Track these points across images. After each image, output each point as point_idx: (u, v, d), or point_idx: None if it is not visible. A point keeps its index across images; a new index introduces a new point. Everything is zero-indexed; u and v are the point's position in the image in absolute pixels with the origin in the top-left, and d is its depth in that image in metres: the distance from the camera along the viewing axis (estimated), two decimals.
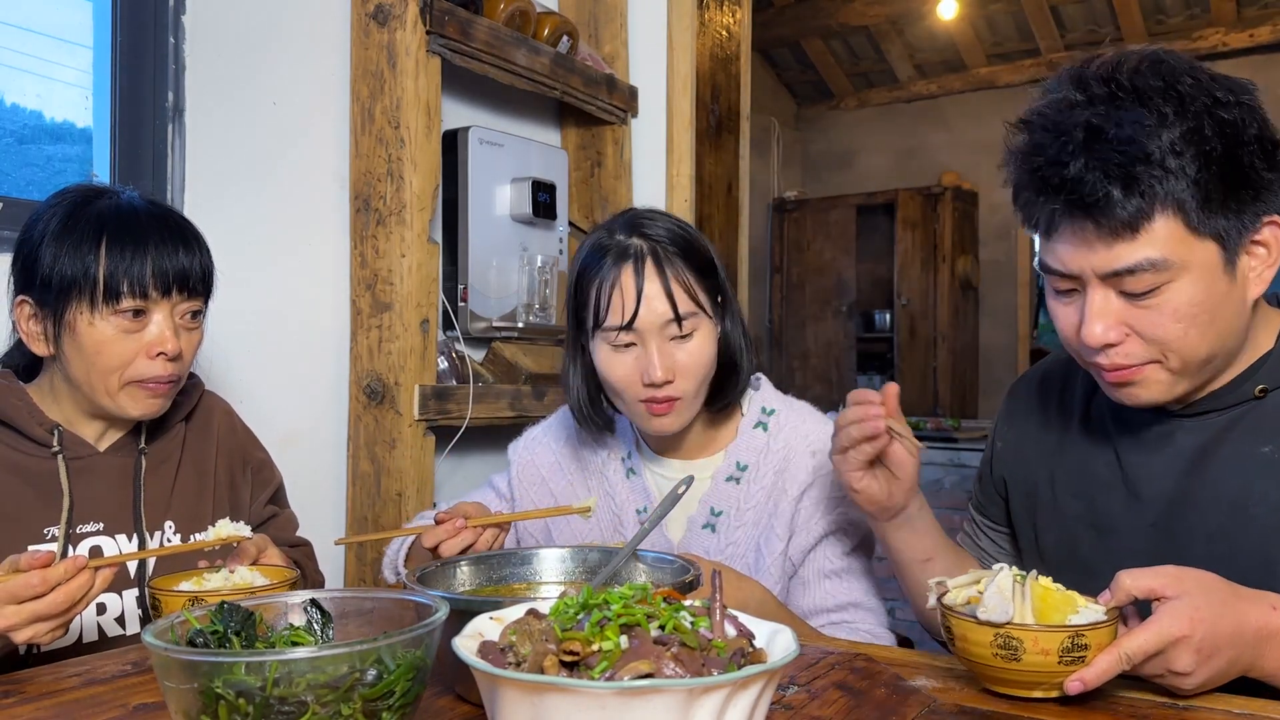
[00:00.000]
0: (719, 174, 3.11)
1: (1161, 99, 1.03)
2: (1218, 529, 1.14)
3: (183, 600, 1.13)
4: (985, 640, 0.97)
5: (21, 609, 1.06)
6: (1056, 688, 0.97)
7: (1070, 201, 1.04)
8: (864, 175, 7.33)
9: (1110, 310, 1.08)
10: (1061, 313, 1.15)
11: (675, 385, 1.42)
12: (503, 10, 2.42)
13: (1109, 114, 1.04)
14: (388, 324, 2.18)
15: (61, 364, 1.36)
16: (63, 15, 1.97)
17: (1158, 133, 1.02)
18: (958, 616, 1.00)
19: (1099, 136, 1.03)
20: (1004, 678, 0.99)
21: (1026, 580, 0.99)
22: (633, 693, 0.65)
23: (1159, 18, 6.15)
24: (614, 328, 1.41)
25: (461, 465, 2.48)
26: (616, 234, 1.45)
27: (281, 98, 2.14)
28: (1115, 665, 0.94)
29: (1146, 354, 1.09)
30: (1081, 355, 1.15)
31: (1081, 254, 1.07)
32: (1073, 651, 0.95)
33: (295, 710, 0.75)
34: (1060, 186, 1.04)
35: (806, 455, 1.50)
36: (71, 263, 1.32)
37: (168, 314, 1.36)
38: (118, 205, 1.37)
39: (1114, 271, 1.05)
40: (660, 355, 1.40)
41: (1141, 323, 1.07)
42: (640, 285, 1.40)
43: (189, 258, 1.38)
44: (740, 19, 3.20)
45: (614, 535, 1.58)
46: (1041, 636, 0.95)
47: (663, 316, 1.40)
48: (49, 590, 1.07)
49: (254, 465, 1.60)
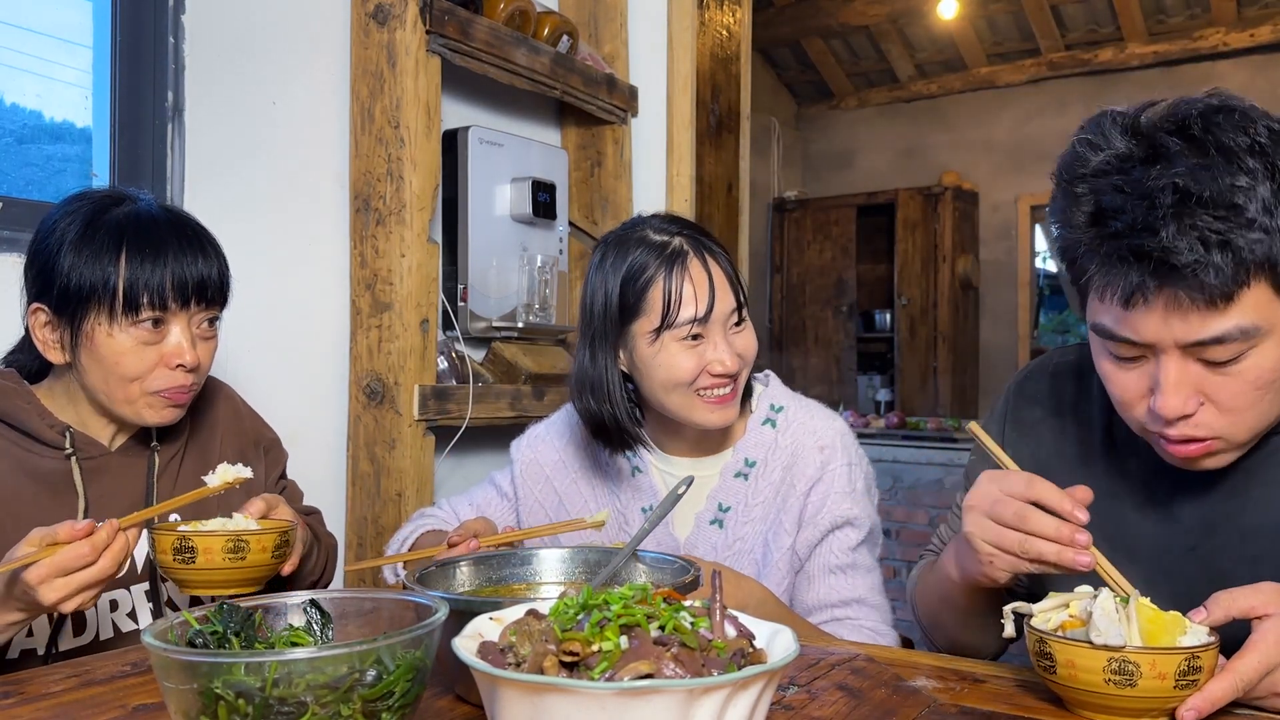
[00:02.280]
0: (719, 174, 3.11)
1: (1249, 154, 0.96)
2: (1262, 553, 1.10)
3: (172, 538, 1.17)
4: (1098, 666, 0.91)
5: (70, 580, 1.09)
6: (1166, 715, 0.93)
7: (1159, 271, 0.95)
8: (864, 175, 7.33)
9: (1188, 380, 1.00)
10: (1120, 379, 1.06)
11: (737, 374, 1.46)
12: (503, 10, 2.42)
13: (1194, 174, 0.95)
14: (387, 324, 2.18)
15: (77, 372, 1.35)
16: (63, 15, 1.97)
17: (1252, 193, 0.94)
18: (1065, 642, 0.93)
19: (1190, 199, 0.94)
20: (1113, 705, 0.92)
21: (1131, 601, 0.94)
22: (633, 693, 0.65)
23: (1159, 18, 6.15)
24: (688, 321, 1.43)
25: (461, 465, 2.48)
26: (660, 234, 1.47)
27: (281, 98, 2.14)
28: (1231, 690, 0.89)
29: (1219, 427, 1.02)
30: (1144, 424, 1.07)
31: (1165, 324, 0.98)
32: (1188, 675, 0.90)
33: (295, 711, 0.75)
34: (1147, 255, 0.95)
35: (814, 451, 1.51)
36: (90, 272, 1.30)
37: (185, 324, 1.36)
38: (136, 213, 1.35)
39: (1199, 341, 0.98)
40: (728, 345, 1.45)
41: (1220, 392, 1.01)
42: (709, 274, 1.44)
43: (207, 266, 1.37)
44: (740, 19, 3.20)
45: (619, 534, 1.58)
46: (1159, 660, 0.89)
47: (729, 305, 1.45)
48: (97, 558, 1.10)
49: (265, 445, 1.61)
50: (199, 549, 1.17)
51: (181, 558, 1.17)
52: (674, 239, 1.47)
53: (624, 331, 1.48)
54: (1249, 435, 1.04)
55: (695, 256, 1.45)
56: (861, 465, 1.55)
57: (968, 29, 6.53)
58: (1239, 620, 0.94)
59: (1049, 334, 7.52)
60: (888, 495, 4.75)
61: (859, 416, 5.37)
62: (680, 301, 1.43)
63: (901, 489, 4.77)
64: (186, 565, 1.18)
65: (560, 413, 1.72)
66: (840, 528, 1.48)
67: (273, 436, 1.63)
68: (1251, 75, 5.99)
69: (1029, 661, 1.01)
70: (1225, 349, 0.98)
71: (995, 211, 6.92)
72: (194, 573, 1.19)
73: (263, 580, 1.25)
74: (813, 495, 1.49)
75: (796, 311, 7.07)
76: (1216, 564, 1.13)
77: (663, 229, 1.49)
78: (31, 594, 1.09)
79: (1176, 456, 1.07)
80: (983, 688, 1.06)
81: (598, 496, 1.61)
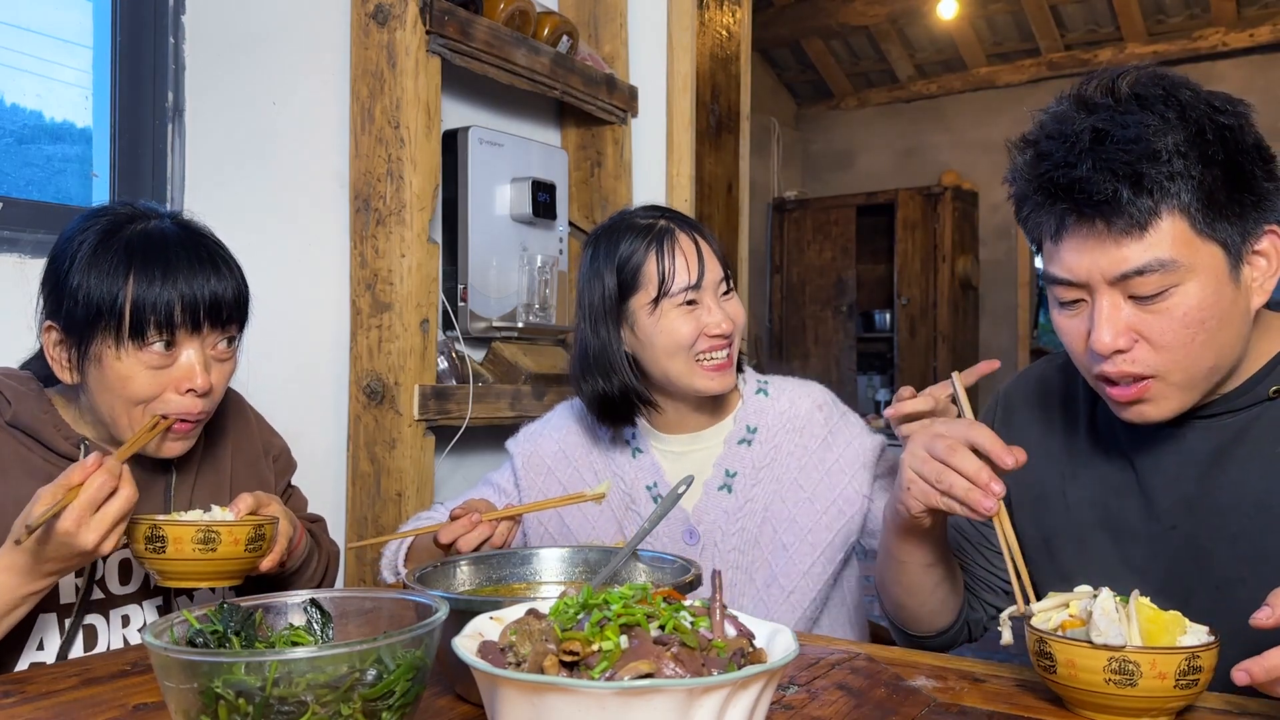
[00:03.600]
0: (719, 174, 3.11)
1: (1164, 105, 1.06)
2: (1240, 531, 1.13)
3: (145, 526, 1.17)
4: (1098, 666, 0.91)
5: (104, 515, 1.10)
6: (1166, 715, 0.93)
7: (1079, 201, 1.05)
8: (864, 175, 7.33)
9: (1119, 316, 1.08)
10: (1068, 326, 1.14)
11: (731, 337, 1.56)
12: (503, 10, 2.42)
13: (1113, 118, 1.06)
14: (388, 324, 2.18)
15: (86, 393, 1.32)
16: (63, 15, 1.97)
17: (1162, 134, 1.04)
18: (1066, 642, 0.94)
19: (1105, 139, 1.05)
20: (1114, 705, 0.93)
21: (1131, 601, 0.94)
22: (633, 693, 0.65)
23: (1159, 18, 6.15)
24: (683, 288, 1.53)
25: (461, 465, 2.48)
26: (641, 219, 1.59)
27: (281, 98, 2.14)
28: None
29: (1154, 364, 1.08)
30: (1090, 367, 1.14)
31: (1089, 257, 1.07)
32: (1188, 675, 0.90)
33: (295, 710, 0.75)
34: (1069, 188, 1.06)
35: (814, 410, 1.63)
36: (98, 294, 1.25)
37: (199, 348, 1.31)
38: (147, 232, 1.31)
39: (1123, 274, 1.06)
40: (720, 308, 1.56)
41: (1151, 329, 1.07)
42: (698, 247, 1.56)
43: (221, 286, 1.31)
44: (740, 19, 3.20)
45: (626, 515, 1.62)
46: (1160, 660, 0.90)
47: (717, 274, 1.57)
48: (119, 485, 1.11)
49: (275, 453, 1.59)
50: (169, 538, 1.17)
51: (152, 546, 1.18)
52: (659, 221, 1.58)
53: (624, 309, 1.57)
54: (1183, 375, 1.09)
55: (681, 232, 1.57)
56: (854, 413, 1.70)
57: (967, 29, 6.53)
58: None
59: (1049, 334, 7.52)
60: None
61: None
62: (674, 271, 1.54)
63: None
64: (157, 554, 1.18)
65: (554, 411, 1.77)
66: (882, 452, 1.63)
67: (282, 445, 1.62)
68: (1251, 75, 5.98)
69: (1029, 661, 1.01)
70: (1147, 281, 1.05)
71: (995, 211, 6.92)
72: (165, 562, 1.18)
73: (238, 574, 1.23)
74: (835, 445, 1.60)
75: (796, 311, 7.07)
76: (1197, 542, 1.16)
77: (647, 215, 1.61)
78: (71, 542, 1.09)
79: (1120, 403, 1.13)
80: (983, 688, 1.06)
81: (601, 480, 1.64)
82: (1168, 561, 1.17)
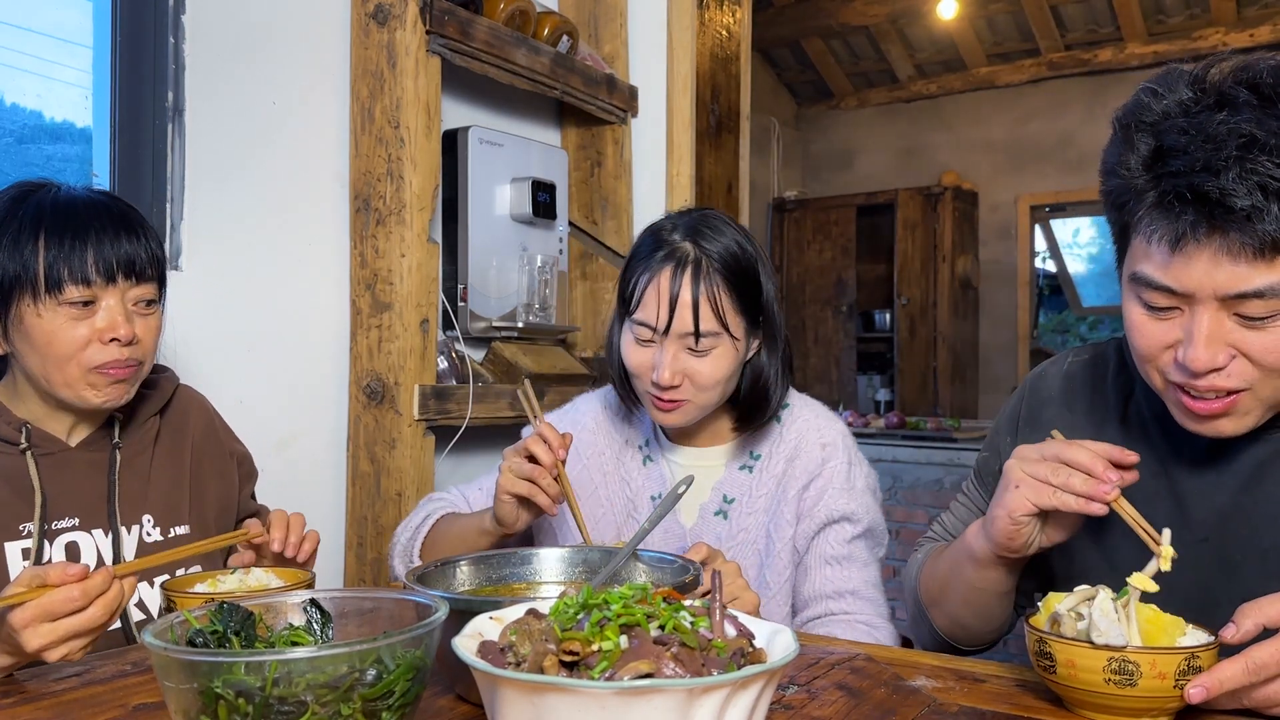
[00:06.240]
0: (719, 174, 3.11)
1: None
2: (1273, 546, 1.10)
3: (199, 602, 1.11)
4: (1097, 666, 0.91)
5: (57, 626, 1.03)
6: (1166, 715, 0.93)
7: (1215, 213, 0.95)
8: (864, 175, 7.34)
9: (1222, 334, 1.00)
10: (1150, 330, 1.05)
11: (683, 390, 1.46)
12: (503, 10, 2.42)
13: (1261, 123, 0.95)
14: (387, 324, 2.18)
15: (17, 361, 1.36)
16: (63, 15, 1.97)
17: None
18: (1066, 642, 0.93)
19: (1255, 146, 0.95)
20: (1113, 705, 0.93)
21: (1131, 601, 0.93)
22: (633, 693, 0.65)
23: (1159, 18, 6.15)
24: (640, 323, 1.46)
25: (461, 465, 2.48)
26: (675, 233, 1.48)
27: (281, 98, 2.14)
28: (1242, 674, 0.89)
29: (1251, 378, 1.02)
30: (1165, 373, 1.07)
31: (1204, 270, 0.98)
32: (1187, 675, 0.90)
33: (295, 710, 0.75)
34: (1204, 196, 0.95)
35: (817, 447, 1.55)
36: (11, 258, 1.30)
37: (118, 299, 1.34)
38: (55, 197, 1.35)
39: (1239, 294, 0.97)
40: (673, 360, 1.44)
41: (1253, 346, 1.00)
42: (675, 293, 1.43)
43: (133, 244, 1.35)
44: (740, 19, 3.20)
45: (628, 520, 1.61)
46: (1159, 660, 0.89)
47: (685, 328, 1.43)
48: (88, 604, 1.03)
49: (238, 458, 1.61)
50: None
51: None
52: (683, 243, 1.46)
53: (624, 311, 1.53)
54: (1273, 393, 1.03)
55: (679, 268, 1.43)
56: (862, 466, 1.57)
57: (967, 29, 6.53)
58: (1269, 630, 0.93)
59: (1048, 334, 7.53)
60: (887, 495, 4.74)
61: (859, 416, 5.37)
62: (640, 301, 1.46)
63: (901, 489, 4.77)
64: None
65: (573, 405, 1.75)
66: (837, 521, 1.50)
67: (244, 450, 1.64)
68: None
69: (1029, 661, 1.01)
70: (1264, 304, 0.97)
71: (995, 211, 6.93)
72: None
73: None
74: (810, 489, 1.52)
75: (796, 311, 7.07)
76: (1228, 555, 1.13)
77: (688, 230, 1.47)
78: (15, 638, 1.03)
79: (1195, 413, 1.06)
80: (983, 688, 1.06)
81: (609, 482, 1.64)
82: (1196, 572, 1.13)
